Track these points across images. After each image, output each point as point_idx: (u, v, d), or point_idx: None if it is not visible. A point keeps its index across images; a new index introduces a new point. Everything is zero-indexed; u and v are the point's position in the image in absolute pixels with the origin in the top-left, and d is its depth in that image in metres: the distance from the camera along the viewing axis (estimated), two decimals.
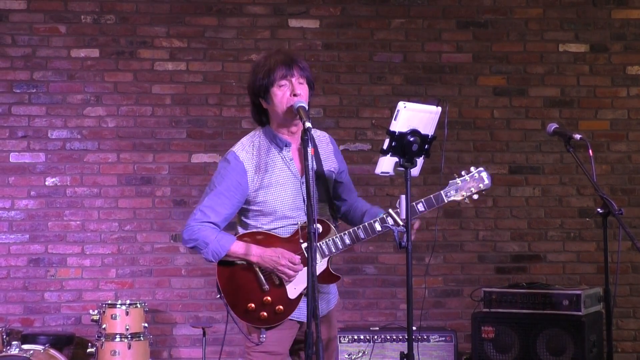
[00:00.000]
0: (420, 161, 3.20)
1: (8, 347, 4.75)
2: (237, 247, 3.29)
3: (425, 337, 5.33)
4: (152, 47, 6.07)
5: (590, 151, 3.69)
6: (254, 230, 3.36)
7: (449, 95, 6.15)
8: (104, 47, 6.03)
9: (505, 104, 6.25)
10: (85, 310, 5.68)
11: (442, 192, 3.37)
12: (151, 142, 6.03)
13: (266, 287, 3.29)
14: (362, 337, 5.35)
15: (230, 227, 3.41)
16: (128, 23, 6.06)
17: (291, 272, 3.26)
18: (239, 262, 3.31)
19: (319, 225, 3.28)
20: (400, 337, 5.30)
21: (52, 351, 4.94)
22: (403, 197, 3.17)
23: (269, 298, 3.29)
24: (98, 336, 5.10)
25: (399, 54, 6.21)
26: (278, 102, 3.27)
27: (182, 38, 6.09)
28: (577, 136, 3.75)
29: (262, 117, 3.40)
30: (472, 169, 3.42)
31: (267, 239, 3.31)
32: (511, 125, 6.24)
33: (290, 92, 3.26)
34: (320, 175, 3.38)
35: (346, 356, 5.30)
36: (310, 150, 2.99)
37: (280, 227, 3.33)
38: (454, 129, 6.12)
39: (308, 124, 3.03)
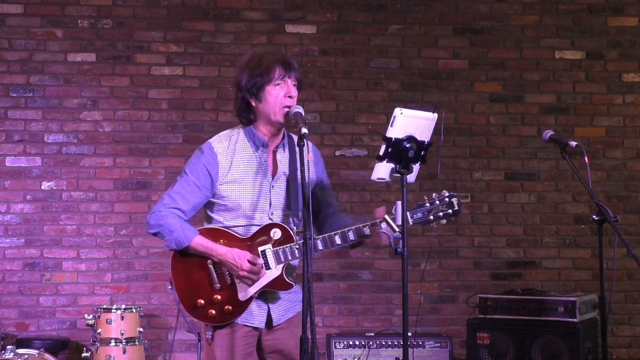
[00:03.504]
0: (416, 167, 3.20)
1: (3, 352, 4.73)
2: (201, 241, 3.26)
3: (421, 343, 5.33)
4: (148, 51, 6.07)
5: (586, 158, 3.69)
6: (215, 226, 3.33)
7: (445, 102, 6.17)
8: (100, 52, 6.03)
9: (502, 111, 6.26)
10: (81, 315, 5.66)
11: (408, 212, 3.24)
12: (147, 146, 6.02)
13: (218, 285, 3.26)
14: (357, 342, 5.34)
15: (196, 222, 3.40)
16: (125, 28, 6.06)
17: (251, 276, 3.21)
18: (195, 256, 3.28)
19: (278, 231, 3.26)
20: (396, 343, 5.30)
21: (47, 355, 4.91)
22: (399, 203, 3.17)
23: (218, 297, 3.26)
24: (93, 341, 5.08)
25: (396, 60, 6.22)
26: (272, 102, 3.27)
27: (179, 43, 6.09)
28: (573, 143, 3.75)
29: (249, 114, 3.37)
30: (444, 192, 3.33)
31: (226, 237, 3.28)
32: (507, 131, 6.26)
33: (285, 93, 3.27)
34: (291, 183, 3.34)
35: None
36: (306, 155, 2.98)
37: (241, 225, 3.30)
38: (450, 135, 6.13)
39: (305, 130, 3.01)
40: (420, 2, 6.26)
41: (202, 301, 3.27)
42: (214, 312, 3.27)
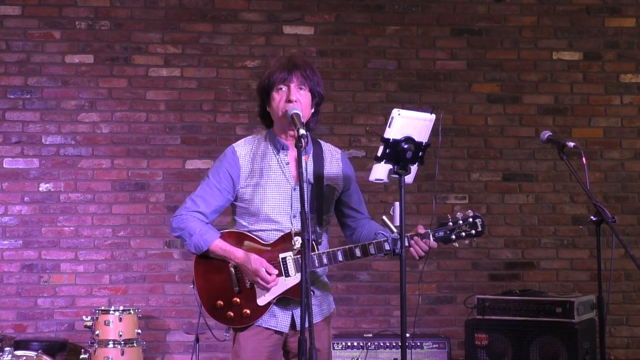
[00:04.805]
0: (414, 168, 3.20)
1: (1, 353, 4.73)
2: (219, 245, 3.29)
3: (419, 344, 5.33)
4: (146, 53, 6.07)
5: (584, 159, 3.69)
6: (238, 230, 3.35)
7: (443, 103, 6.17)
8: (98, 53, 6.03)
9: (499, 112, 6.27)
10: (79, 316, 5.67)
11: (429, 230, 3.28)
12: (145, 148, 6.02)
13: (237, 288, 3.28)
14: (355, 343, 5.34)
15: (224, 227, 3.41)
16: (123, 29, 6.06)
17: (263, 284, 3.21)
18: (217, 258, 3.30)
19: (300, 239, 3.19)
20: (394, 344, 5.30)
21: (45, 357, 4.90)
22: (397, 203, 3.18)
23: (237, 300, 3.28)
24: (91, 342, 5.08)
25: (394, 61, 6.22)
26: (275, 107, 3.29)
27: (177, 44, 6.09)
28: (571, 144, 3.74)
29: (266, 119, 3.41)
30: (468, 212, 3.35)
31: (247, 242, 3.30)
32: (505, 132, 6.26)
33: (286, 97, 3.26)
34: (315, 187, 3.33)
35: None
36: (304, 157, 2.98)
37: (264, 230, 3.31)
38: (448, 136, 6.13)
39: (302, 131, 3.01)
40: (418, 4, 6.26)
41: (221, 302, 3.30)
42: (232, 314, 3.29)
